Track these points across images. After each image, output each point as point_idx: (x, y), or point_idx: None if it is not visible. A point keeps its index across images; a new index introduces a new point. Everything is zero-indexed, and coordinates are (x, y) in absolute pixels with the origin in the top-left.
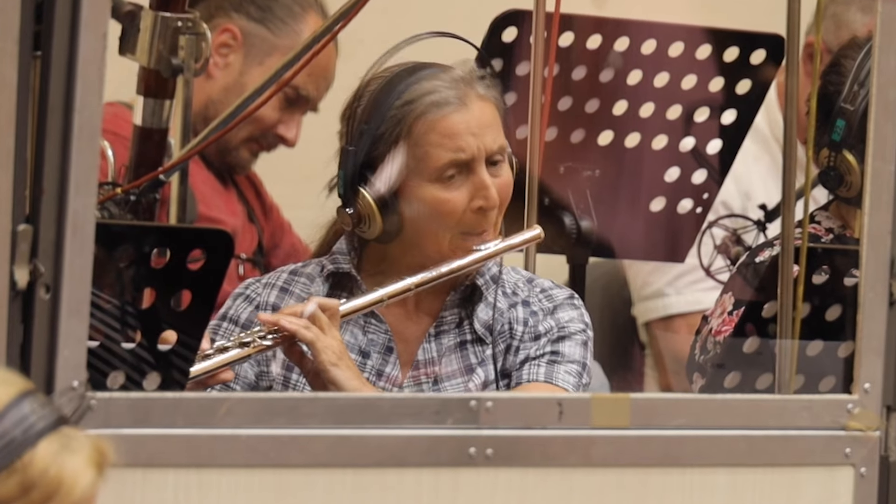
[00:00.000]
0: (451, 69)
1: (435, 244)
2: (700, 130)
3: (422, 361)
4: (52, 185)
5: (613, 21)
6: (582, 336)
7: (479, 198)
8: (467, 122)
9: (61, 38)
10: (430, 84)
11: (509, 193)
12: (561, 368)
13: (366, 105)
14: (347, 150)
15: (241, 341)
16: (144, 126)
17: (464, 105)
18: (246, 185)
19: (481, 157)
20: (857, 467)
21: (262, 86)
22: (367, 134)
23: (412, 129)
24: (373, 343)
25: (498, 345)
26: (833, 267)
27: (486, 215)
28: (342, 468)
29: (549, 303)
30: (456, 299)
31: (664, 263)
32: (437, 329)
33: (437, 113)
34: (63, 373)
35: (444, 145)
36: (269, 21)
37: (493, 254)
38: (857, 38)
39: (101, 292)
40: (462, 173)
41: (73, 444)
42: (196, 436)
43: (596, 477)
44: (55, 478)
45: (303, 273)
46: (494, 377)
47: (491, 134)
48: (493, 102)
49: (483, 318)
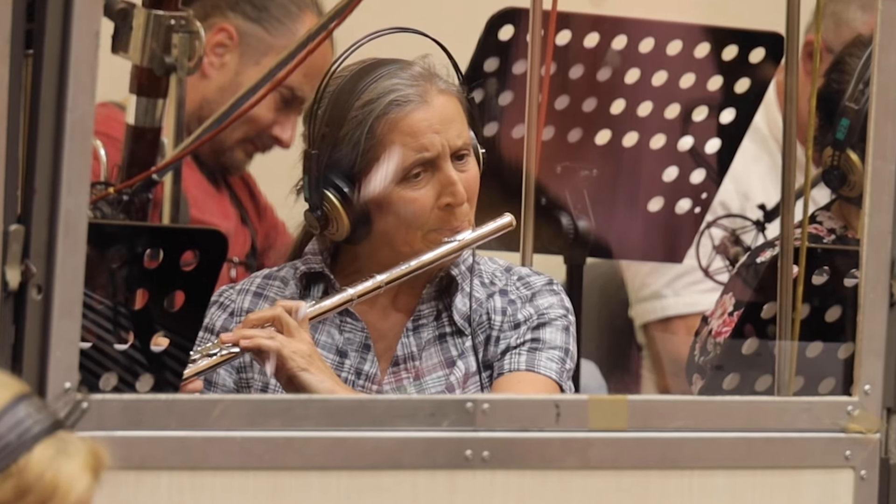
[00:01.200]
0: (410, 65)
1: (406, 243)
2: (698, 130)
3: (401, 357)
4: (44, 185)
5: (611, 19)
6: (563, 321)
7: (446, 195)
8: (429, 119)
9: (53, 36)
10: (390, 82)
11: (476, 187)
12: (542, 355)
13: (326, 106)
14: (311, 154)
15: (208, 353)
16: (137, 125)
17: (425, 102)
18: (240, 186)
19: (446, 153)
20: (857, 470)
21: (256, 85)
22: (328, 136)
23: (374, 130)
24: (350, 342)
25: (477, 336)
26: (833, 267)
27: (454, 212)
28: (337, 470)
29: (527, 290)
30: (432, 292)
31: (662, 264)
32: (414, 323)
33: (399, 112)
34: (55, 374)
35: (408, 144)
36: (266, 21)
37: (464, 245)
38: (861, 37)
39: (94, 293)
40: (428, 171)
41: (69, 448)
42: (189, 438)
43: (594, 479)
44: (51, 482)
45: (277, 276)
46: (476, 369)
47: (455, 128)
48: (454, 95)
49: (461, 310)
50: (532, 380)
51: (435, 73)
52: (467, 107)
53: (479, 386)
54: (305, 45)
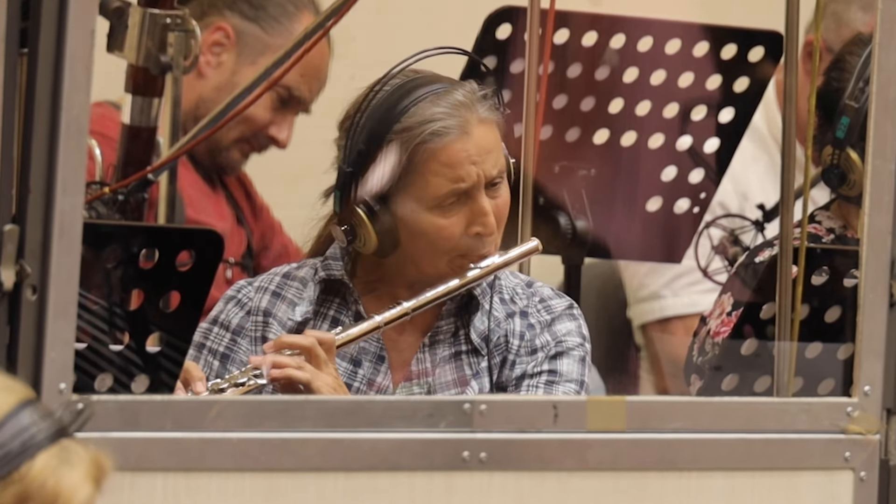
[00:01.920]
0: (451, 91)
1: (432, 265)
2: (697, 129)
3: (415, 372)
4: (38, 185)
5: (609, 18)
6: (579, 351)
7: (477, 224)
8: (468, 150)
9: (48, 34)
10: (430, 111)
11: (506, 213)
12: (559, 389)
13: (364, 122)
14: (344, 171)
15: (236, 382)
16: (133, 124)
17: (464, 133)
18: (235, 186)
19: (481, 184)
20: (856, 471)
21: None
22: (363, 154)
23: (412, 157)
24: (364, 351)
25: (494, 357)
26: (832, 268)
27: (483, 241)
28: (334, 472)
29: (548, 314)
30: (452, 309)
31: (661, 264)
32: (431, 339)
33: (438, 143)
34: (50, 375)
35: (445, 174)
36: (263, 20)
37: (490, 271)
38: (861, 35)
39: (89, 293)
40: (461, 201)
41: (72, 457)
42: (185, 439)
43: (591, 481)
44: (52, 491)
45: (296, 277)
46: (489, 389)
47: (492, 159)
48: (494, 123)
49: (479, 329)
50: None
51: (476, 99)
52: (504, 129)
53: None
54: (302, 44)
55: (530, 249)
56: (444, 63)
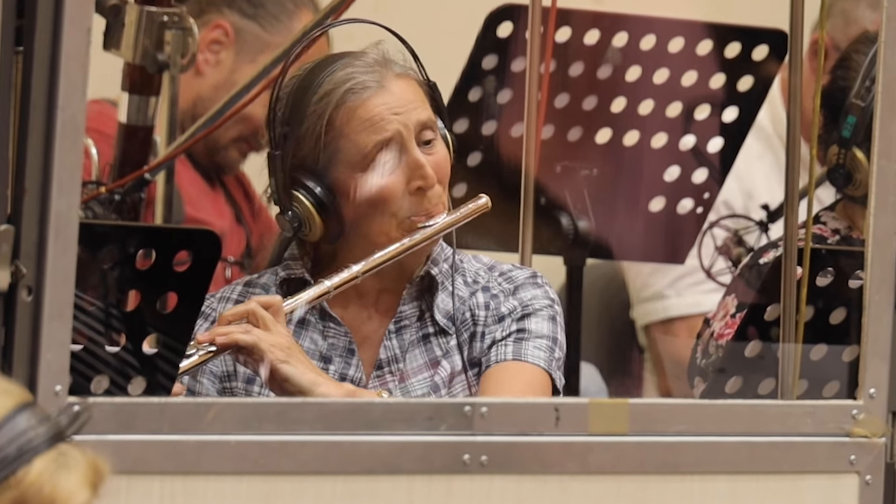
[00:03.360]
0: (364, 54)
1: (382, 233)
2: (701, 128)
3: (384, 360)
4: (34, 185)
5: (612, 16)
6: (548, 311)
7: (415, 178)
8: (387, 102)
9: (44, 33)
10: (345, 72)
11: (447, 170)
12: (529, 344)
13: (284, 107)
14: (274, 156)
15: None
16: (129, 123)
17: (382, 87)
18: (234, 186)
19: (410, 135)
20: (861, 475)
21: (250, 83)
22: (290, 135)
23: (333, 121)
24: (333, 347)
25: (462, 334)
26: (837, 269)
27: (426, 195)
28: (332, 475)
29: (510, 284)
30: (413, 292)
31: (664, 265)
32: (396, 325)
33: (356, 100)
34: (45, 377)
35: (367, 130)
36: (262, 18)
37: (439, 230)
38: (868, 33)
39: (85, 294)
40: (393, 156)
41: (69, 462)
42: (182, 442)
43: (593, 485)
44: (49, 496)
45: (257, 284)
46: (462, 367)
47: (415, 111)
48: (413, 78)
49: (444, 308)
50: (520, 369)
51: (390, 58)
52: (429, 92)
53: (465, 384)
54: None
55: (479, 207)
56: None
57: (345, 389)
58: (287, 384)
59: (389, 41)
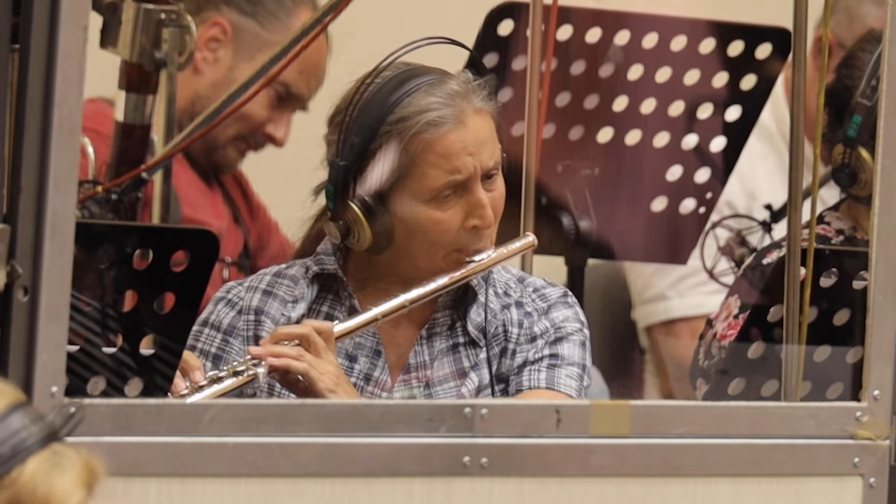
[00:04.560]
0: (445, 81)
1: (427, 260)
2: (703, 127)
3: (413, 365)
4: (30, 184)
5: (613, 14)
6: (579, 336)
7: (474, 217)
8: (464, 140)
9: (40, 30)
10: (425, 101)
11: (502, 206)
12: (562, 373)
13: (357, 115)
14: (338, 165)
15: (235, 370)
16: (126, 122)
17: (460, 123)
18: (232, 185)
19: (477, 175)
20: (865, 477)
21: (249, 81)
22: (357, 148)
23: (407, 148)
24: (360, 346)
25: (492, 348)
26: (841, 269)
27: (480, 234)
28: (331, 477)
29: (543, 302)
30: (448, 301)
31: (666, 265)
32: (428, 332)
33: (434, 133)
34: (41, 378)
35: (441, 166)
36: (261, 15)
37: (486, 266)
38: (873, 31)
39: (82, 295)
40: (457, 193)
41: (64, 461)
42: (179, 444)
43: (595, 487)
44: (43, 496)
45: (286, 275)
46: (489, 381)
47: (488, 150)
48: (489, 113)
49: (476, 321)
50: (552, 397)
51: (471, 89)
52: (499, 120)
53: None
54: (300, 40)
55: (526, 245)
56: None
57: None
58: None
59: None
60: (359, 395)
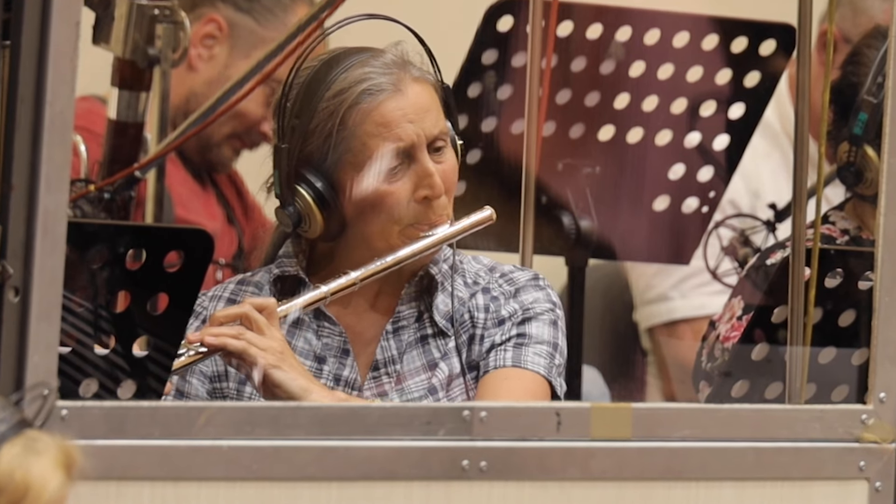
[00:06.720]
0: (381, 53)
1: (382, 238)
2: (706, 125)
3: (381, 361)
4: (21, 182)
5: (615, 10)
6: (549, 315)
7: (423, 187)
8: (403, 108)
9: (32, 26)
10: (361, 71)
11: (455, 179)
12: (529, 350)
13: (295, 98)
14: (280, 148)
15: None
16: (119, 120)
17: (398, 90)
18: (226, 185)
19: (422, 143)
20: (871, 481)
21: (244, 78)
22: (298, 129)
23: (345, 120)
24: (328, 347)
25: (460, 336)
26: (847, 270)
27: (432, 205)
28: (328, 481)
29: (511, 286)
30: (412, 292)
31: (668, 266)
32: (394, 325)
33: (371, 102)
34: (33, 380)
35: (381, 135)
36: (257, 12)
37: (442, 240)
38: (879, 27)
39: (74, 295)
40: (404, 164)
41: (38, 446)
42: (173, 447)
43: (595, 491)
44: (22, 481)
45: (251, 282)
46: (460, 370)
47: (430, 118)
48: (429, 83)
49: (443, 310)
50: (519, 376)
51: (408, 60)
52: (443, 96)
53: (463, 388)
54: (296, 36)
55: (483, 218)
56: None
57: (336, 397)
58: (278, 390)
59: (408, 39)
60: (305, 369)
